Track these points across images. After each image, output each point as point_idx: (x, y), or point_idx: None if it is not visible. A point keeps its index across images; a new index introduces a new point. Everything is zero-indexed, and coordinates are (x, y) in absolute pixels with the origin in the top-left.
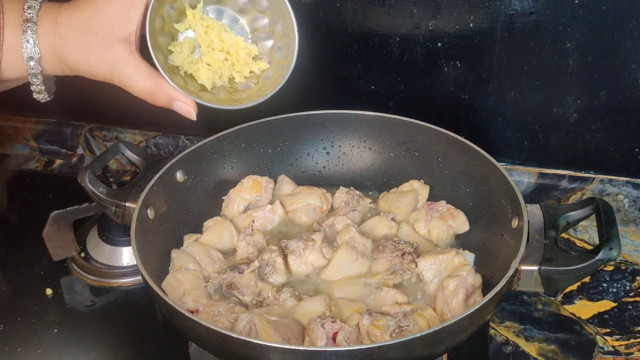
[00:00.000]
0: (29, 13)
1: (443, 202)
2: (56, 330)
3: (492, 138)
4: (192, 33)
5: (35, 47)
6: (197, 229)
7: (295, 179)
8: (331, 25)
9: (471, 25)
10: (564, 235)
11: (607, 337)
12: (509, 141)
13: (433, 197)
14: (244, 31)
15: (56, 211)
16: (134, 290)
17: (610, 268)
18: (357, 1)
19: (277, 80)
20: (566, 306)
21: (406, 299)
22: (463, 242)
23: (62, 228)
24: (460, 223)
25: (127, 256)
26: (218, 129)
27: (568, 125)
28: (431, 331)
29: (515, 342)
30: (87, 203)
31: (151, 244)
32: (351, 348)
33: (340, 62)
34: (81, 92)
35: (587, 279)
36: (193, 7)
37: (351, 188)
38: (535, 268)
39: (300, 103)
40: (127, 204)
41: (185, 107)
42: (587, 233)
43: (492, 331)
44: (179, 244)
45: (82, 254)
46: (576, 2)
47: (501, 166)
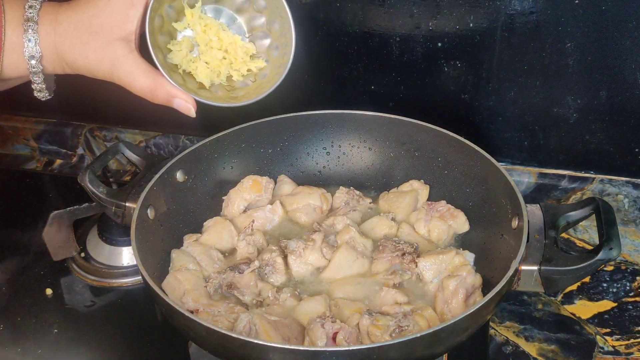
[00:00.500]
0: (30, 12)
1: (443, 202)
2: (56, 330)
3: (492, 138)
4: (191, 32)
5: (36, 46)
6: (197, 229)
7: (295, 179)
8: (331, 25)
9: (471, 25)
10: (564, 235)
11: (607, 337)
12: (509, 141)
13: (433, 197)
14: (242, 30)
15: (56, 211)
16: (134, 290)
17: (610, 268)
18: (357, 1)
19: (275, 78)
20: (566, 306)
21: (406, 299)
22: (463, 242)
23: (62, 228)
24: (460, 223)
25: (127, 256)
26: (218, 129)
27: (568, 125)
28: (431, 331)
29: (515, 342)
30: (87, 203)
31: (151, 244)
32: (351, 348)
33: (340, 62)
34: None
35: (587, 279)
36: (191, 7)
37: (351, 188)
38: (535, 268)
39: (300, 103)
40: (127, 204)
41: (184, 105)
42: (587, 233)
43: (492, 331)
44: (179, 244)
45: (82, 254)
46: (576, 2)
47: (501, 166)
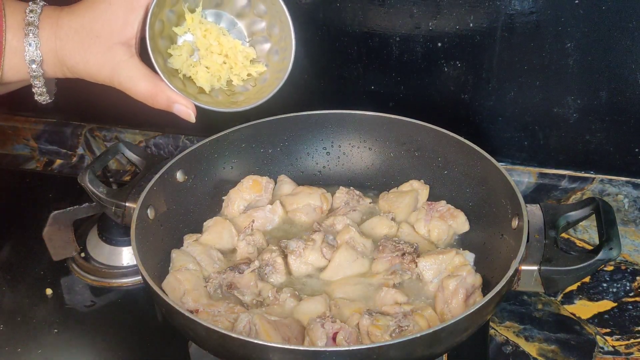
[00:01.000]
0: (31, 17)
1: (443, 202)
2: (56, 330)
3: (492, 138)
4: (191, 36)
5: (37, 50)
6: (197, 229)
7: (295, 179)
8: (331, 25)
9: (471, 25)
10: (564, 235)
11: (607, 337)
12: (509, 141)
13: (433, 197)
14: (242, 35)
15: (56, 211)
16: (134, 290)
17: (610, 268)
18: (357, 1)
19: (275, 83)
20: (566, 306)
21: (406, 299)
22: (463, 242)
23: (62, 228)
24: (460, 223)
25: (127, 256)
26: (218, 129)
27: (568, 125)
28: (431, 331)
29: (515, 342)
30: (87, 203)
31: (151, 244)
32: (351, 348)
33: (340, 62)
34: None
35: (587, 279)
36: (192, 11)
37: (351, 188)
38: (535, 268)
39: (300, 103)
40: (127, 204)
41: (184, 110)
42: (587, 233)
43: (492, 331)
44: (179, 244)
45: (82, 254)
46: (576, 2)
47: (501, 166)
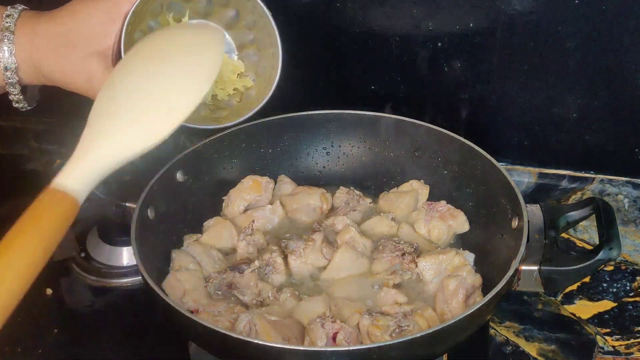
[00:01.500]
0: (7, 22)
1: (443, 202)
2: (56, 330)
3: (492, 138)
4: None
5: (11, 57)
6: (197, 229)
7: (295, 179)
8: (331, 25)
9: (471, 25)
10: (564, 235)
11: (607, 337)
12: (509, 141)
13: (433, 197)
14: (231, 47)
15: None
16: (134, 290)
17: (610, 268)
18: (357, 1)
19: (260, 99)
20: (566, 306)
21: (406, 299)
22: (463, 242)
23: None
24: (460, 223)
25: (127, 256)
26: (218, 129)
27: (568, 125)
28: (431, 331)
29: (515, 342)
30: (87, 203)
31: (151, 244)
32: (351, 348)
33: (340, 62)
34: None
35: (587, 279)
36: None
37: (351, 188)
38: (535, 268)
39: (300, 103)
40: (127, 204)
41: None
42: (587, 233)
43: (492, 331)
44: (179, 244)
45: (82, 254)
46: (576, 2)
47: (501, 166)
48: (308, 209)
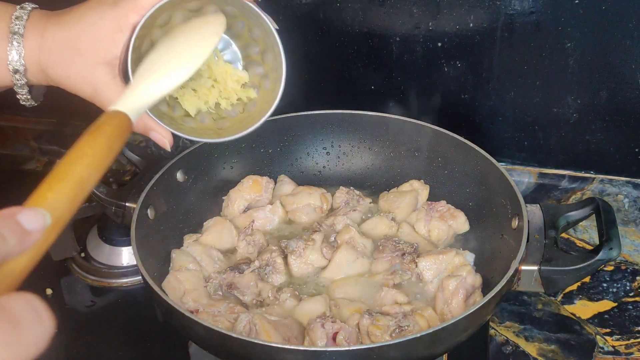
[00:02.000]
0: (17, 26)
1: (443, 202)
2: (56, 330)
3: (492, 138)
4: None
5: (20, 60)
6: (197, 229)
7: (295, 179)
8: (331, 25)
9: (471, 25)
10: (564, 235)
11: (607, 337)
12: (509, 141)
13: (433, 197)
14: (236, 56)
15: None
16: (134, 290)
17: (610, 268)
18: (357, 1)
19: (264, 110)
20: (566, 306)
21: (406, 299)
22: (463, 242)
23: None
24: (460, 223)
25: (127, 256)
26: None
27: (568, 125)
28: (431, 331)
29: (515, 342)
30: (87, 203)
31: (151, 244)
32: (351, 348)
33: (340, 62)
34: None
35: (587, 279)
36: None
37: (351, 188)
38: (535, 268)
39: (300, 103)
40: (127, 204)
41: (160, 139)
42: (587, 233)
43: (492, 331)
44: (179, 244)
45: (82, 254)
46: (576, 2)
47: (501, 166)
48: (308, 209)
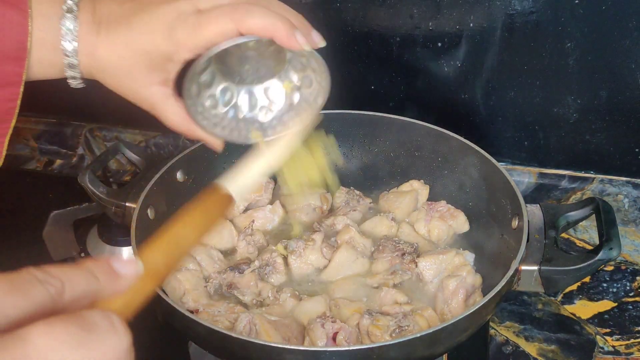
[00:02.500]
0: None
1: (443, 202)
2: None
3: (492, 138)
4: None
5: (74, 57)
6: None
7: None
8: (331, 25)
9: (471, 25)
10: (564, 235)
11: (607, 337)
12: (509, 141)
13: (433, 197)
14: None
15: (56, 211)
16: None
17: (610, 268)
18: (357, 1)
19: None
20: (566, 306)
21: (406, 299)
22: (463, 242)
23: (62, 228)
24: (460, 223)
25: (127, 256)
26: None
27: (568, 125)
28: (431, 331)
29: (515, 342)
30: (87, 203)
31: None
32: (351, 348)
33: (340, 62)
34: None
35: (587, 279)
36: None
37: (351, 188)
38: (535, 268)
39: None
40: (127, 204)
41: (213, 142)
42: (587, 233)
43: (492, 331)
44: None
45: (82, 254)
46: (576, 2)
47: (501, 166)
48: (308, 209)
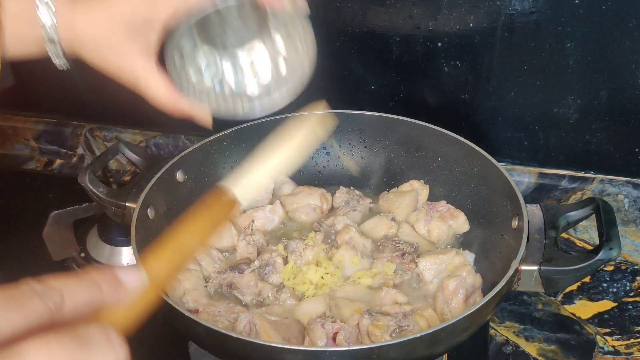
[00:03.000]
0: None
1: (443, 202)
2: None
3: (492, 138)
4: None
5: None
6: None
7: (295, 179)
8: (331, 25)
9: (471, 25)
10: (564, 235)
11: (607, 337)
12: (509, 141)
13: (433, 197)
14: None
15: (56, 211)
16: None
17: (610, 268)
18: (357, 1)
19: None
20: (566, 306)
21: (406, 299)
22: (463, 242)
23: (62, 228)
24: (460, 223)
25: (127, 256)
26: (218, 129)
27: (568, 125)
28: (431, 331)
29: (515, 342)
30: (87, 203)
31: (151, 244)
32: (351, 348)
33: (340, 62)
34: (81, 92)
35: (587, 279)
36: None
37: (351, 188)
38: (535, 268)
39: (300, 103)
40: (127, 204)
41: (201, 119)
42: (587, 233)
43: (492, 331)
44: None
45: (82, 254)
46: (576, 2)
47: (501, 166)
48: (308, 209)
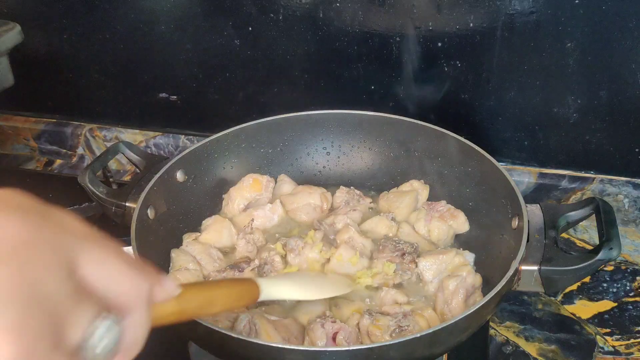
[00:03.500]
0: None
1: (443, 202)
2: None
3: (492, 138)
4: None
5: None
6: (197, 229)
7: (295, 179)
8: (331, 25)
9: (471, 25)
10: (564, 235)
11: (607, 337)
12: (509, 141)
13: (433, 197)
14: None
15: None
16: None
17: (610, 268)
18: (357, 1)
19: None
20: (566, 306)
21: (406, 299)
22: (463, 242)
23: None
24: (460, 223)
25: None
26: (218, 129)
27: (568, 125)
28: (431, 331)
29: (515, 342)
30: (87, 203)
31: (151, 244)
32: (351, 348)
33: (340, 62)
34: (81, 92)
35: (587, 279)
36: None
37: (351, 188)
38: (535, 268)
39: (300, 103)
40: (127, 204)
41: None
42: (587, 233)
43: (492, 331)
44: (179, 244)
45: None
46: (576, 2)
47: (501, 166)
48: (308, 209)
